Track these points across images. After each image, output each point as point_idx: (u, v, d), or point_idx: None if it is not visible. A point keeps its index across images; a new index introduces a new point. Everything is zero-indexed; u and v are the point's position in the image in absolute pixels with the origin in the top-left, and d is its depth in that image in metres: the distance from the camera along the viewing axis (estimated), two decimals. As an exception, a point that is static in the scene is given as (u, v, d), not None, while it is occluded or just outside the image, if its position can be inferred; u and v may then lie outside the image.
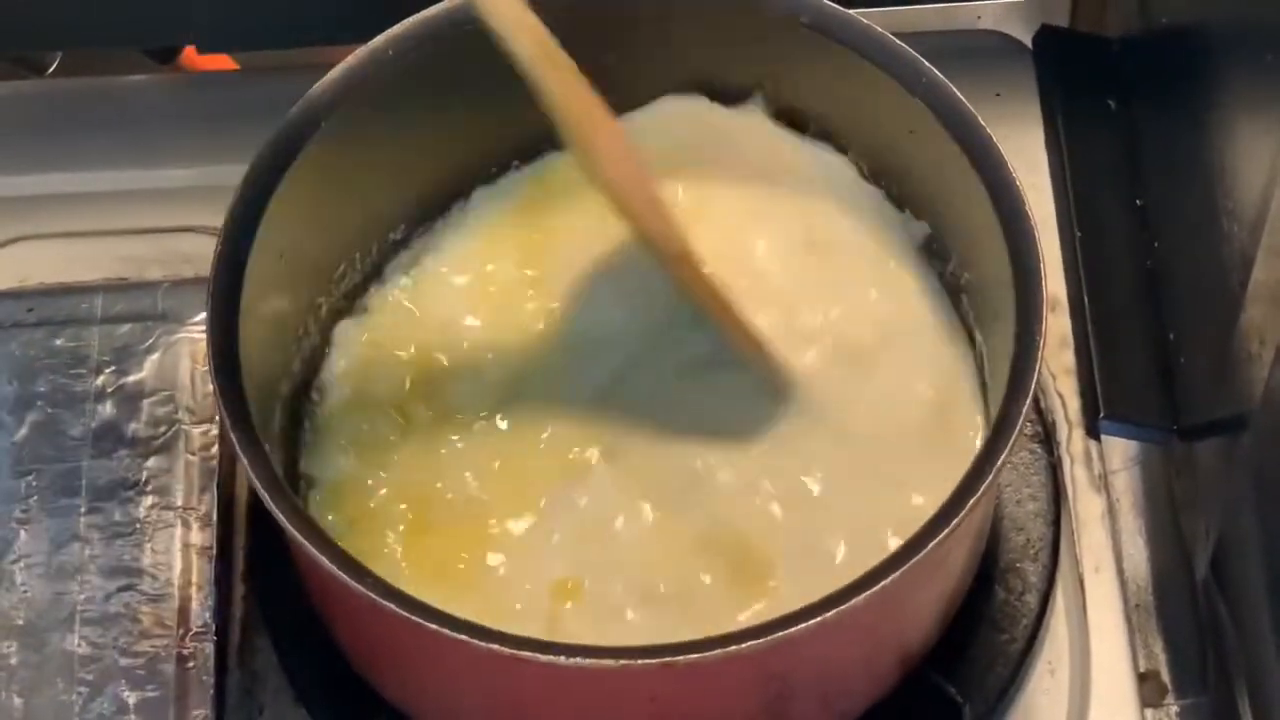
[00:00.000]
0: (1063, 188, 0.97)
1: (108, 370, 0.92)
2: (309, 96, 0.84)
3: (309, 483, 0.85)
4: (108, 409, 0.91)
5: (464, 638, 0.73)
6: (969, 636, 0.87)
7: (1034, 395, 0.77)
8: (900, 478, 0.83)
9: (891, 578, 0.73)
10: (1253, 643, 0.83)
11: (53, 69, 1.12)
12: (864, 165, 0.90)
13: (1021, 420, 0.76)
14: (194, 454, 0.90)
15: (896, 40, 0.84)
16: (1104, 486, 0.92)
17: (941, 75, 0.83)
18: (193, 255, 0.97)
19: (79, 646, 0.85)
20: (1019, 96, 1.01)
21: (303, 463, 0.86)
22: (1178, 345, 0.90)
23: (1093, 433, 0.92)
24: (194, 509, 0.89)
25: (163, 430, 0.90)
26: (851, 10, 0.85)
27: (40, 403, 0.91)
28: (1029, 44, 1.03)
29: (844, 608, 0.72)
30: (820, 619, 0.72)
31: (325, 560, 0.74)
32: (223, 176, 0.84)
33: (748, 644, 0.72)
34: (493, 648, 0.72)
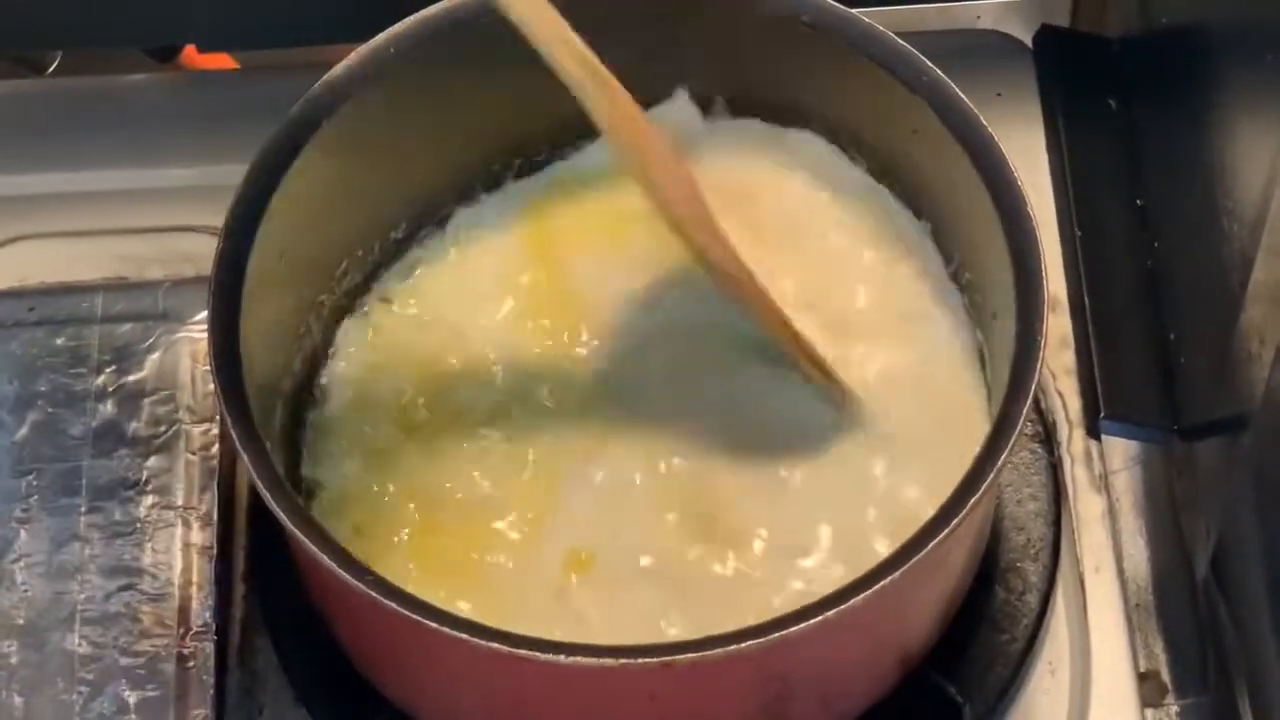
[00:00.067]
0: (1063, 187, 0.97)
1: (108, 369, 0.92)
2: (310, 95, 0.84)
3: (311, 490, 0.85)
4: (108, 408, 0.91)
5: (464, 636, 0.72)
6: (969, 636, 0.87)
7: (1034, 395, 0.76)
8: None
9: (892, 577, 0.73)
10: (1253, 643, 0.83)
11: (53, 68, 1.12)
12: (865, 164, 0.90)
13: (1022, 420, 0.76)
14: (194, 453, 0.90)
15: (898, 39, 0.84)
16: (1104, 486, 0.92)
17: (943, 75, 0.83)
18: (193, 254, 0.97)
19: (79, 646, 0.85)
20: (1019, 96, 1.01)
21: (305, 468, 0.86)
22: (1178, 345, 0.90)
23: (1093, 432, 0.92)
24: (194, 508, 0.89)
25: (163, 429, 0.90)
26: (853, 10, 0.86)
27: (41, 402, 0.91)
28: (1029, 44, 1.03)
29: (844, 607, 0.72)
30: (821, 618, 0.72)
31: (325, 559, 0.74)
32: (223, 176, 0.84)
33: (748, 643, 0.72)
34: (493, 646, 0.72)
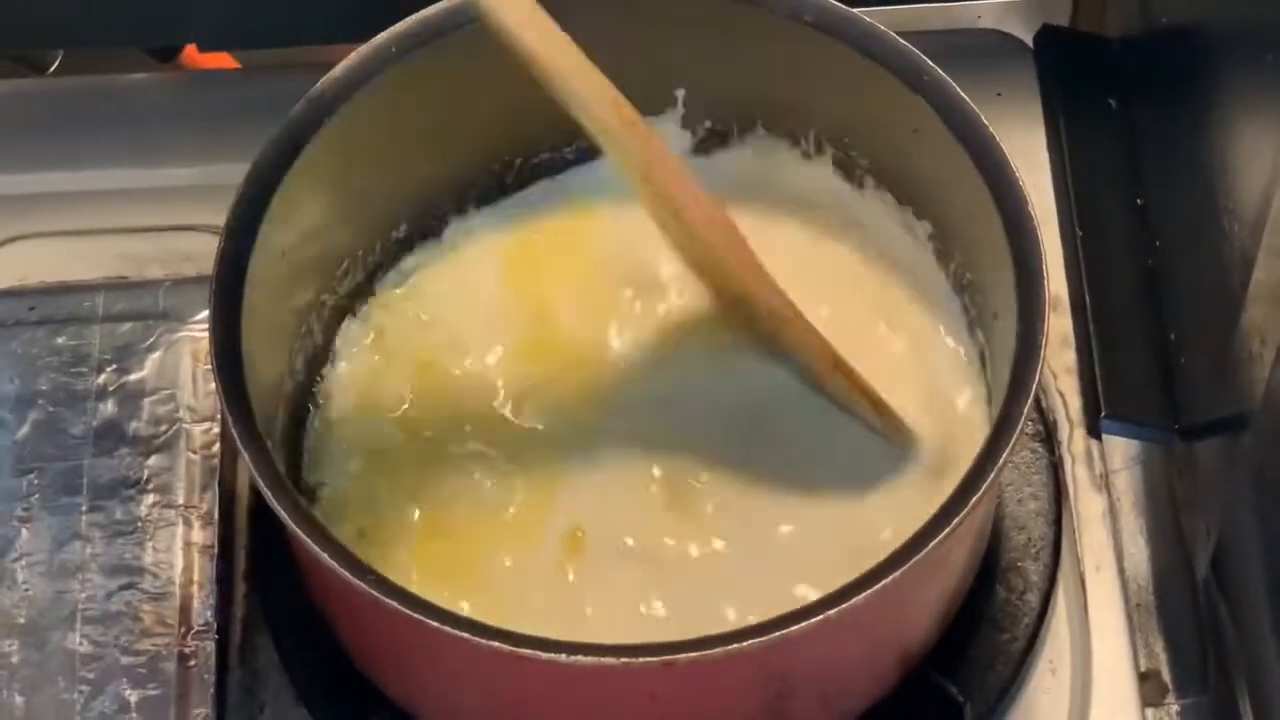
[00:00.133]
0: (1063, 187, 0.97)
1: (109, 369, 0.92)
2: (311, 95, 0.84)
3: (313, 493, 0.85)
4: (109, 407, 0.91)
5: (465, 635, 0.72)
6: (970, 636, 0.87)
7: (1035, 394, 0.76)
8: None
9: (893, 576, 0.73)
10: (1253, 642, 0.83)
11: (54, 68, 1.12)
12: (865, 163, 0.90)
13: (1023, 419, 0.76)
14: (195, 452, 0.90)
15: (899, 39, 0.84)
16: (1105, 486, 0.92)
17: (944, 74, 0.83)
18: (193, 254, 0.97)
19: (80, 645, 0.85)
20: (1020, 96, 1.01)
21: (306, 471, 0.86)
22: (1179, 345, 0.90)
23: (1094, 432, 0.92)
24: (195, 507, 0.89)
25: (164, 429, 0.90)
26: (854, 9, 0.85)
27: (42, 401, 0.91)
28: (1030, 43, 1.03)
29: (845, 606, 0.72)
30: (821, 617, 0.72)
31: (327, 557, 0.74)
32: (224, 175, 0.84)
33: (749, 642, 0.72)
34: (494, 645, 0.72)
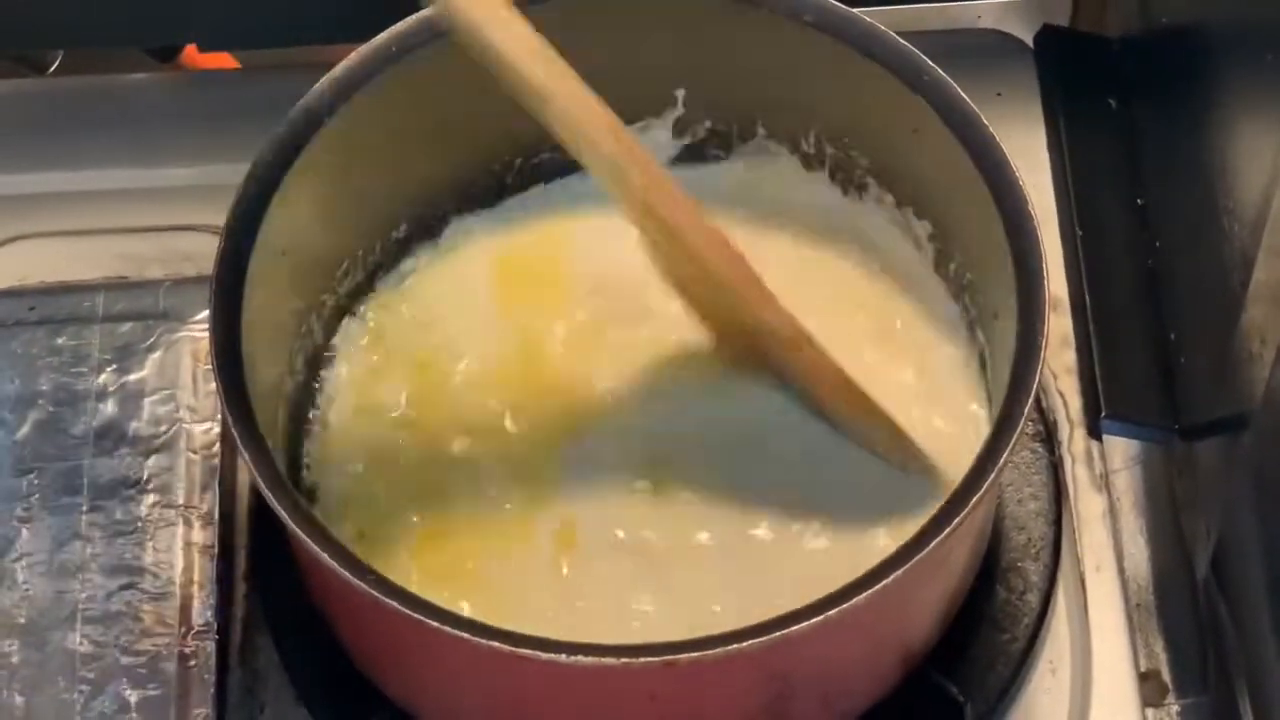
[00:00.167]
0: (1064, 187, 0.97)
1: (109, 369, 0.92)
2: (311, 94, 0.84)
3: (312, 495, 0.85)
4: (109, 407, 0.91)
5: (465, 635, 0.72)
6: (970, 636, 0.87)
7: (1035, 395, 0.77)
8: None
9: (893, 576, 0.73)
10: (1253, 642, 0.83)
11: (54, 68, 1.12)
12: (866, 163, 0.90)
13: (1023, 419, 0.76)
14: (195, 452, 0.90)
15: (899, 39, 0.84)
16: (1105, 486, 0.92)
17: (944, 74, 0.83)
18: (193, 254, 0.97)
19: (80, 645, 0.85)
20: (1020, 96, 1.01)
21: (306, 473, 0.86)
22: (1179, 345, 0.90)
23: (1094, 432, 0.92)
24: (195, 507, 0.89)
25: (164, 429, 0.90)
26: (854, 9, 0.85)
27: (42, 401, 0.91)
28: (1030, 43, 1.03)
29: (845, 606, 0.72)
30: (822, 617, 0.72)
31: (327, 557, 0.74)
32: (224, 175, 0.84)
33: (749, 642, 0.72)
34: (494, 645, 0.72)
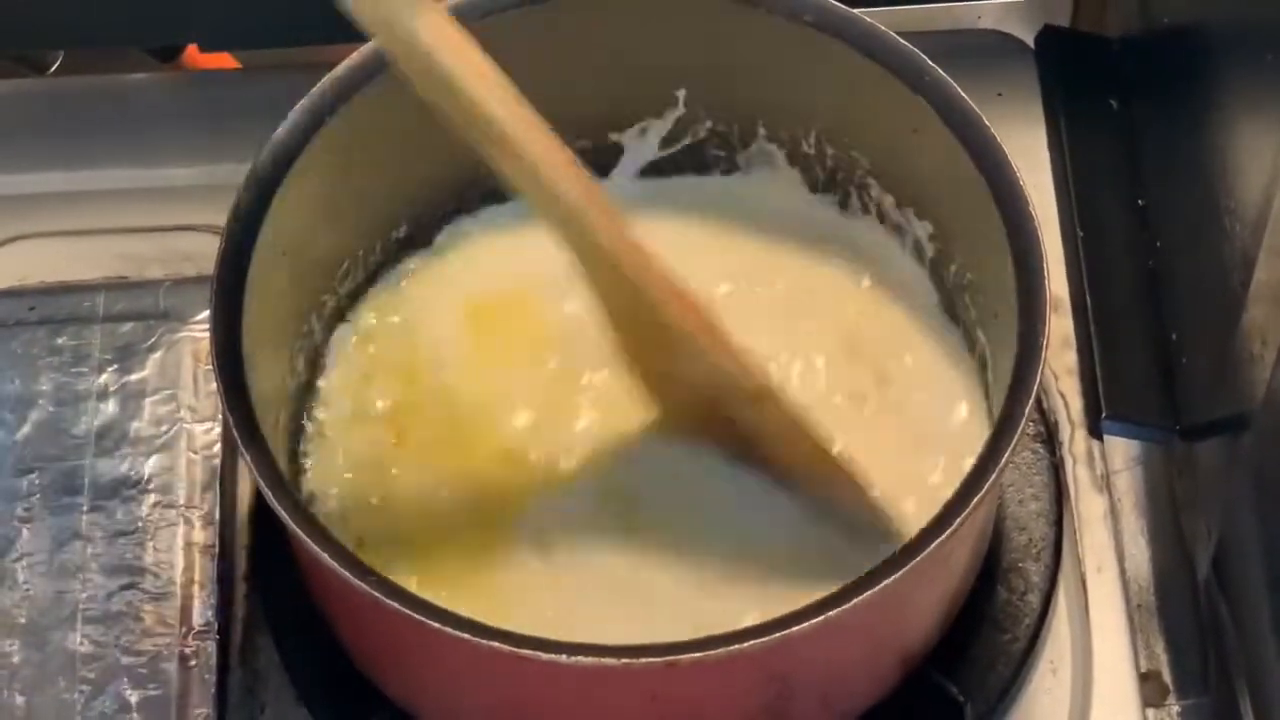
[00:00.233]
0: (1064, 187, 0.97)
1: (110, 369, 0.92)
2: (311, 94, 0.84)
3: (313, 498, 0.85)
4: (110, 407, 0.91)
5: (466, 636, 0.72)
6: (971, 636, 0.86)
7: (1036, 395, 0.76)
8: None
9: (894, 577, 0.73)
10: (1254, 643, 0.83)
11: (55, 68, 1.12)
12: (866, 163, 0.90)
13: (1024, 420, 0.76)
14: (196, 452, 0.90)
15: (900, 39, 0.84)
16: (1106, 486, 0.92)
17: (945, 74, 0.83)
18: (194, 254, 0.97)
19: (81, 645, 0.85)
20: (1021, 96, 1.01)
21: (305, 480, 0.86)
22: (1179, 345, 0.90)
23: (1095, 433, 0.92)
24: (196, 507, 0.88)
25: (165, 429, 0.90)
26: (855, 9, 0.85)
27: (42, 401, 0.91)
28: (1030, 43, 1.03)
29: (846, 607, 0.72)
30: (823, 618, 0.72)
31: (327, 558, 0.74)
32: (224, 175, 0.84)
33: (750, 643, 0.72)
34: (494, 645, 0.72)
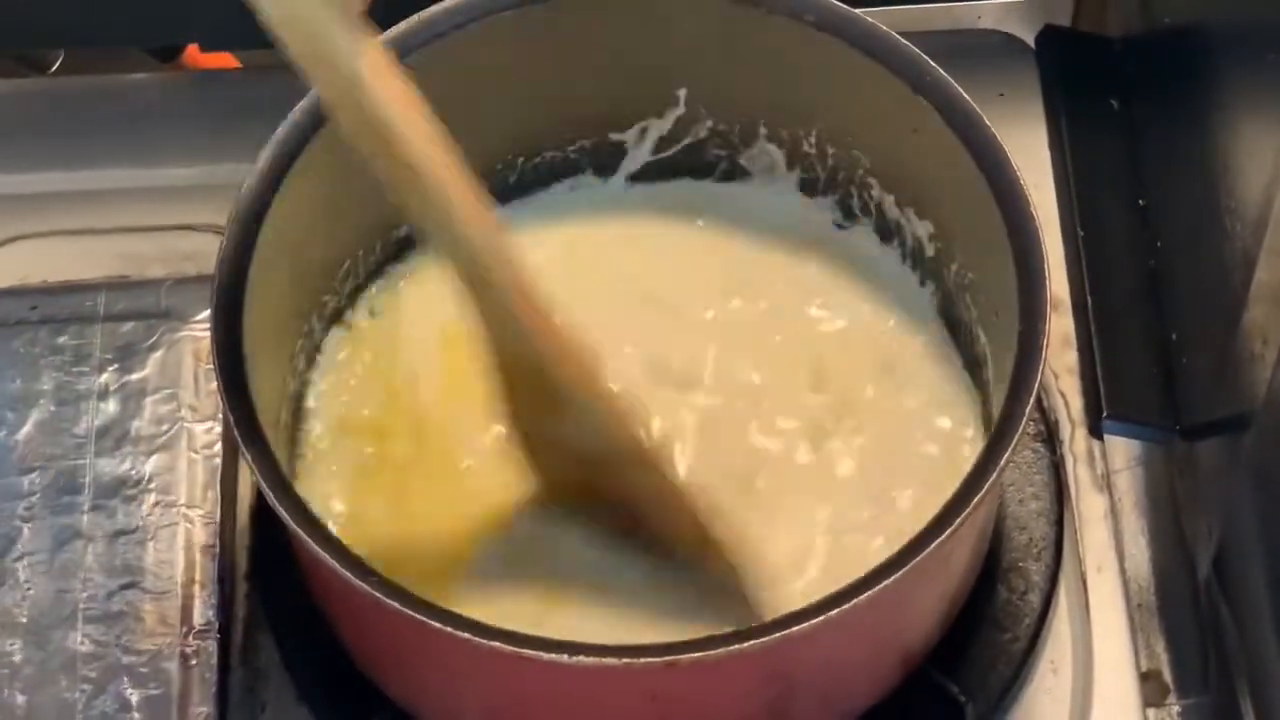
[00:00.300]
0: (1065, 187, 0.97)
1: (111, 368, 0.92)
2: (312, 94, 0.84)
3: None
4: (111, 407, 0.91)
5: (467, 636, 0.72)
6: (971, 635, 0.87)
7: (1037, 395, 0.76)
8: None
9: (895, 576, 0.73)
10: (1254, 642, 0.83)
11: (55, 67, 1.12)
12: (866, 163, 0.90)
13: (1025, 420, 0.76)
14: (197, 452, 0.90)
15: (901, 39, 0.84)
16: (1106, 486, 0.92)
17: (946, 74, 0.83)
18: (194, 253, 0.97)
19: (82, 644, 0.85)
20: (1022, 96, 1.01)
21: (299, 486, 0.86)
22: (1180, 345, 0.90)
23: (1095, 432, 0.92)
24: (197, 507, 0.89)
25: (166, 428, 0.90)
26: (856, 9, 0.85)
27: (43, 400, 0.91)
28: (1031, 43, 1.03)
29: (847, 607, 0.72)
30: (823, 618, 0.72)
31: (328, 558, 0.74)
32: (225, 175, 0.84)
33: (750, 643, 0.72)
34: (495, 645, 0.72)
